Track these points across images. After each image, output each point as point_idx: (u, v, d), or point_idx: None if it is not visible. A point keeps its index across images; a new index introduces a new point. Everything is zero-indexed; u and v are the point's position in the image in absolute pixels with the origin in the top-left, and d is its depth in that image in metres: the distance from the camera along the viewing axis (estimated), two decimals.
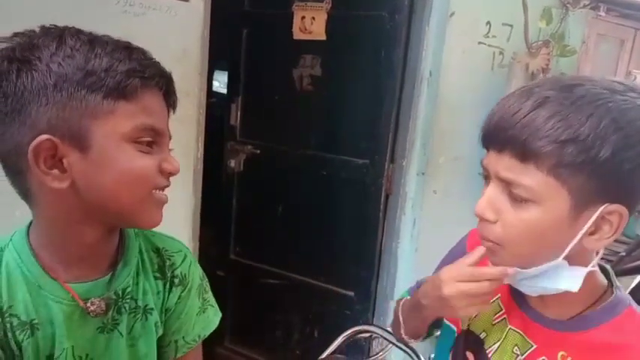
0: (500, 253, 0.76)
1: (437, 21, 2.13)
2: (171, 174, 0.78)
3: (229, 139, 2.59)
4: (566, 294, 0.76)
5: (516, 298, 0.86)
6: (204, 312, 0.95)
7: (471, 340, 0.90)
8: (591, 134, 0.66)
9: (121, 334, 0.84)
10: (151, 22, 1.53)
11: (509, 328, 0.85)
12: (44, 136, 0.69)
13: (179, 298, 0.90)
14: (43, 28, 0.73)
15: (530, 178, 0.69)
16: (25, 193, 0.75)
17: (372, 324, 1.51)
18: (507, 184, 0.72)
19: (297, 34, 2.32)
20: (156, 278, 0.88)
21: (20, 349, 0.76)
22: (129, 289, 0.84)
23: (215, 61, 2.61)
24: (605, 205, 0.69)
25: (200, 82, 1.69)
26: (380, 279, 2.41)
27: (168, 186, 0.79)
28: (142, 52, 0.75)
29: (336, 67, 2.33)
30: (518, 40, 2.31)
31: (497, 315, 0.88)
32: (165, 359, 0.93)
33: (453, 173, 2.36)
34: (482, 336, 0.89)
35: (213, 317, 0.97)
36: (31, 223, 0.80)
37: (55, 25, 0.73)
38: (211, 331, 0.97)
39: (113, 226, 0.81)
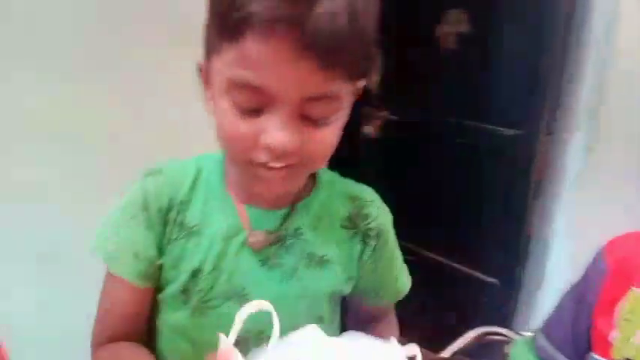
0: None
1: None
2: (269, 149, 0.61)
3: (364, 103, 2.42)
4: None
5: None
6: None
7: None
8: None
9: (283, 273, 0.77)
10: None
11: None
12: (199, 61, 0.68)
13: (373, 250, 0.84)
14: None
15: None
16: None
17: (503, 327, 1.28)
18: None
19: None
20: (343, 227, 0.81)
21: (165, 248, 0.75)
22: (301, 231, 0.77)
23: None
24: None
25: None
26: (527, 266, 2.13)
27: (268, 163, 0.63)
28: None
29: (487, 24, 2.05)
30: None
31: None
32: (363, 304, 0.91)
33: (625, 152, 1.97)
34: None
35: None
36: None
37: None
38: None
39: None
